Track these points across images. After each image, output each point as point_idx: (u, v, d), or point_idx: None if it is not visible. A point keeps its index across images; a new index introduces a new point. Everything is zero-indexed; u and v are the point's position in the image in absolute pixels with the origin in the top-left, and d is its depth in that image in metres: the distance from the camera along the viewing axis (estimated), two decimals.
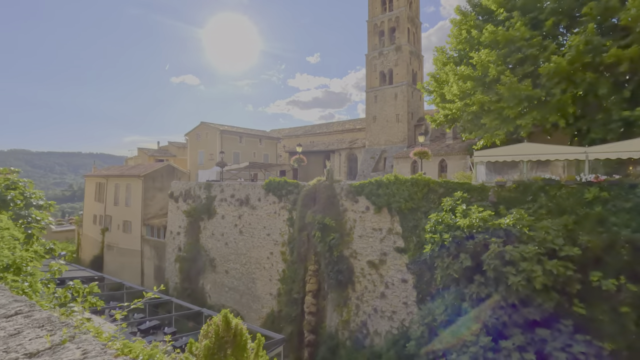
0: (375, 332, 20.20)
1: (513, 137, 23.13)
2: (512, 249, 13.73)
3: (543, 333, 12.96)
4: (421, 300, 18.57)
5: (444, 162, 36.60)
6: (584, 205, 15.41)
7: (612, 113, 18.36)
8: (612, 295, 13.47)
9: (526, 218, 15.33)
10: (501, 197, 17.64)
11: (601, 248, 14.20)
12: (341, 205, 22.58)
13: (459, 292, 15.03)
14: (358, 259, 21.42)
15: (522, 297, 13.33)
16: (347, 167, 51.31)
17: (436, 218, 16.54)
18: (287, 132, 66.79)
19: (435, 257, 15.82)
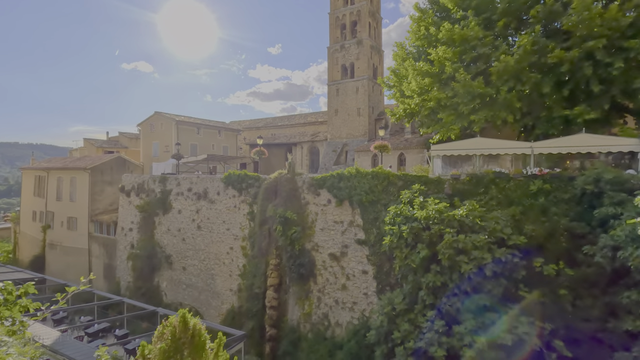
0: (337, 323, 20.45)
1: (467, 132, 24.21)
2: (464, 238, 14.40)
3: (492, 317, 13.73)
4: (381, 291, 19.03)
5: (403, 156, 37.67)
6: (529, 197, 16.51)
7: (553, 111, 19.75)
8: (552, 280, 14.61)
9: (478, 209, 16.14)
10: (456, 189, 18.43)
11: (543, 236, 15.32)
12: (303, 199, 22.44)
13: (416, 281, 15.55)
14: (320, 251, 21.47)
15: (474, 284, 14.06)
16: (309, 160, 51.23)
17: (395, 210, 16.92)
18: (248, 124, 65.27)
19: (394, 248, 16.21)
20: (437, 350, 13.13)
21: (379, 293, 19.06)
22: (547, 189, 16.17)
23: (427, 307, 14.74)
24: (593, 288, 14.00)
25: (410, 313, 15.03)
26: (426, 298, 14.71)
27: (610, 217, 13.58)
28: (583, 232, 14.57)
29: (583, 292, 14.12)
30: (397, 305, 15.44)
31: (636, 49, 16.81)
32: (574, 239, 14.80)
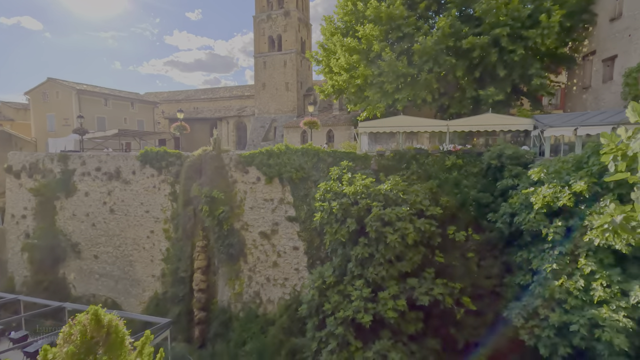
0: (269, 300, 20.49)
1: (391, 110, 25.31)
2: (389, 211, 15.24)
3: (412, 282, 14.98)
4: (312, 265, 19.43)
5: (331, 132, 38.22)
6: (445, 171, 18.04)
7: (466, 92, 21.60)
8: (462, 245, 16.39)
9: (401, 183, 17.15)
10: (381, 165, 19.29)
11: (456, 206, 16.99)
12: (230, 177, 21.45)
13: (345, 254, 16.14)
14: (249, 230, 20.98)
15: (398, 252, 15.10)
16: (236, 136, 49.15)
17: (325, 187, 17.12)
18: (166, 96, 59.63)
19: (325, 224, 16.50)
20: (364, 317, 13.95)
21: (310, 268, 19.45)
22: (459, 163, 17.79)
23: (356, 277, 15.46)
24: (494, 250, 16.07)
25: (340, 285, 15.64)
26: (355, 269, 15.39)
27: (509, 187, 15.51)
28: (487, 202, 16.46)
29: (486, 254, 16.14)
30: (327, 278, 15.92)
31: (533, 38, 18.97)
32: (480, 208, 16.67)
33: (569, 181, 12.38)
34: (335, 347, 14.03)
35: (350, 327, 14.36)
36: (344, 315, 14.30)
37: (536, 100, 23.95)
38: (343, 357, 13.69)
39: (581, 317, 10.48)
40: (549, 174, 13.30)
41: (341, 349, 14.02)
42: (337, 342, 14.13)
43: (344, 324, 14.28)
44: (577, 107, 23.90)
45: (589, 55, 22.29)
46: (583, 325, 10.29)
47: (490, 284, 15.40)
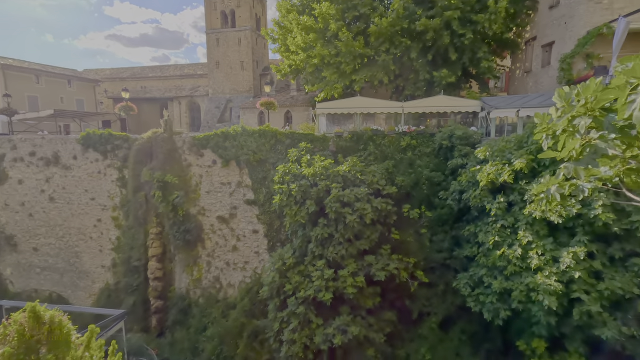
0: (229, 284, 20.30)
1: (348, 91, 25.41)
2: (349, 192, 15.54)
3: (370, 259, 15.54)
4: (272, 248, 19.44)
5: (289, 114, 37.69)
6: (400, 152, 18.62)
7: (420, 74, 22.18)
8: (416, 222, 17.21)
9: (359, 165, 17.48)
10: (339, 146, 19.46)
11: (410, 186, 17.68)
12: (184, 160, 20.53)
13: (306, 235, 16.30)
14: (207, 215, 20.41)
15: (356, 232, 15.53)
16: (190, 118, 46.89)
17: (284, 169, 16.98)
18: (109, 73, 54.98)
19: (285, 207, 16.47)
20: (325, 295, 14.33)
21: (270, 250, 19.45)
22: (414, 144, 18.44)
23: (317, 258, 15.72)
24: (445, 226, 17.06)
25: (301, 265, 15.84)
26: (315, 250, 15.63)
27: (459, 167, 16.39)
28: (439, 181, 17.32)
29: (438, 230, 17.10)
30: (288, 260, 16.04)
31: (482, 22, 19.76)
32: (433, 186, 17.51)
33: (510, 159, 13.33)
34: (297, 326, 14.33)
35: (312, 305, 14.70)
36: (305, 294, 14.57)
37: (484, 83, 25.24)
38: (305, 335, 14.04)
39: (520, 283, 11.56)
40: (493, 153, 14.21)
41: (303, 328, 14.35)
42: (298, 321, 14.42)
43: (305, 303, 14.57)
44: (520, 90, 25.56)
45: (531, 40, 23.75)
46: (521, 291, 11.37)
47: (441, 258, 16.41)
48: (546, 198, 3.69)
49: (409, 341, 15.94)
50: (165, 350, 18.01)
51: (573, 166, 2.68)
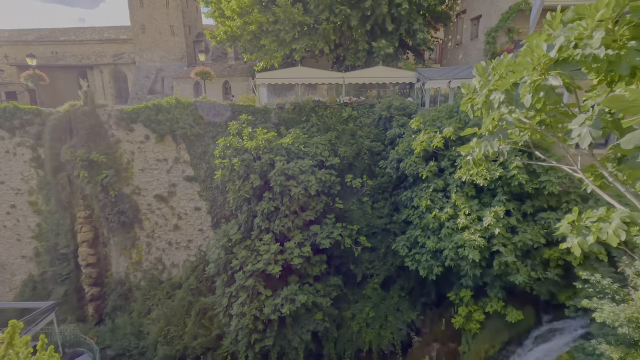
0: (173, 264, 19.62)
1: (289, 60, 24.71)
2: (293, 165, 15.52)
3: (315, 229, 15.95)
4: (216, 225, 19.01)
5: (228, 84, 35.81)
6: (342, 123, 18.86)
7: (359, 44, 22.24)
8: (358, 191, 17.89)
9: (302, 136, 17.45)
10: (282, 118, 19.14)
11: (353, 156, 18.17)
12: (112, 136, 18.73)
13: (251, 210, 16.13)
14: (143, 195, 19.14)
15: (302, 204, 15.73)
16: (115, 89, 42.40)
17: (225, 143, 16.34)
18: (9, 35, 46.91)
19: (227, 182, 16.03)
20: (275, 268, 14.54)
21: (214, 227, 19.01)
22: (355, 115, 18.77)
23: (263, 232, 15.73)
24: (385, 193, 17.98)
25: (247, 240, 15.77)
26: (261, 224, 15.60)
27: (397, 136, 17.13)
28: (379, 150, 18.01)
29: (379, 197, 17.99)
30: (234, 235, 15.85)
31: None
32: (374, 156, 18.18)
33: (441, 128, 14.25)
34: (246, 299, 14.47)
35: (260, 278, 14.86)
36: (253, 268, 14.64)
37: (419, 55, 26.13)
38: (254, 307, 14.25)
39: (450, 242, 12.75)
40: (425, 123, 15.05)
41: (252, 300, 14.52)
42: (247, 294, 14.55)
43: (253, 277, 14.67)
44: (452, 62, 26.96)
45: (461, 14, 24.87)
46: (452, 249, 12.57)
47: (382, 223, 17.41)
48: (472, 161, 4.02)
49: (355, 302, 17.00)
50: (106, 337, 17.15)
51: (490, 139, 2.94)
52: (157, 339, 16.34)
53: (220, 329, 16.02)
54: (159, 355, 15.98)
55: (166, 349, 16.06)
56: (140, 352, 16.45)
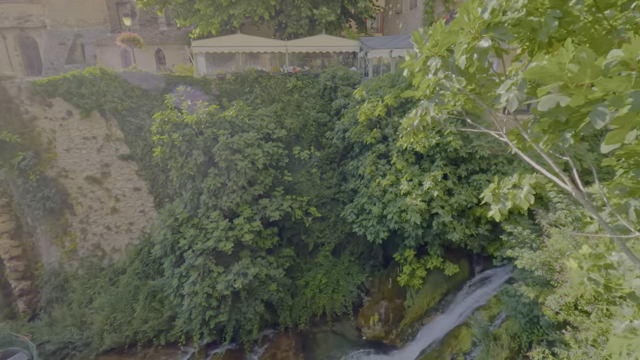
0: (114, 249, 18.43)
1: (227, 27, 23.24)
2: (237, 138, 15.01)
3: (264, 202, 15.85)
4: (159, 204, 18.05)
5: (161, 53, 32.84)
6: (287, 93, 18.46)
7: (301, 10, 21.50)
8: (306, 162, 17.95)
9: (246, 108, 16.82)
10: (223, 89, 18.19)
11: (299, 127, 18.03)
12: (25, 113, 16.47)
13: (196, 187, 15.49)
14: (71, 177, 17.38)
15: (249, 178, 15.44)
16: (24, 58, 36.82)
17: (161, 117, 15.23)
18: None
19: (167, 159, 15.12)
20: (226, 244, 14.31)
21: (157, 207, 18.04)
22: (300, 85, 18.43)
23: (210, 209, 15.28)
24: (332, 163, 18.27)
25: (194, 218, 15.24)
26: (208, 201, 15.10)
27: (342, 107, 17.25)
28: (326, 121, 18.05)
29: (327, 168, 18.25)
30: (180, 214, 15.21)
31: None
32: (320, 127, 18.21)
33: (383, 96, 14.61)
34: (197, 278, 14.19)
35: (210, 255, 14.59)
36: (203, 246, 14.27)
37: (362, 23, 26.04)
38: (207, 285, 14.05)
39: (394, 207, 13.47)
40: (369, 92, 15.31)
41: (203, 278, 14.28)
42: (198, 272, 14.25)
43: (203, 255, 14.35)
44: (392, 31, 27.30)
45: None
46: (395, 213, 13.31)
47: (331, 193, 17.80)
48: (412, 131, 4.20)
49: (307, 270, 17.52)
50: (43, 332, 15.89)
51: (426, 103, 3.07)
52: (102, 327, 15.53)
53: (172, 310, 15.64)
54: (106, 344, 15.27)
55: (114, 337, 15.37)
56: (84, 343, 15.57)
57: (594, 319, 7.39)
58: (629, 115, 2.24)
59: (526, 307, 9.86)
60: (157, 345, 15.47)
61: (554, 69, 2.39)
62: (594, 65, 2.27)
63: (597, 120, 2.30)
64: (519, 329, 10.26)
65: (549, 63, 2.42)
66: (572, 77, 2.35)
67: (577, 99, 2.41)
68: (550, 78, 2.47)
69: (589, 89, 2.43)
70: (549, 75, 2.45)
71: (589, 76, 2.31)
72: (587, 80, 2.35)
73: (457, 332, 12.97)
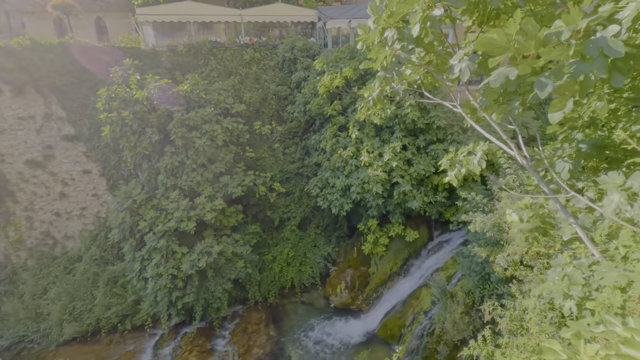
0: (66, 236, 17.36)
1: None
2: (194, 114, 14.33)
3: (224, 179, 15.45)
4: (113, 187, 17.08)
5: (102, 22, 29.88)
6: (244, 66, 17.74)
7: None
8: (268, 137, 17.64)
9: (201, 82, 15.99)
10: (175, 62, 17.10)
11: (259, 102, 17.53)
12: None
13: (152, 167, 14.78)
14: (8, 162, 15.85)
15: (209, 155, 14.94)
16: None
17: (108, 93, 14.10)
18: None
19: (119, 138, 14.17)
20: (188, 224, 13.95)
21: (111, 190, 17.07)
22: (257, 57, 17.75)
23: (169, 189, 14.72)
24: (295, 138, 18.11)
25: (154, 199, 14.64)
26: (166, 181, 14.51)
27: (302, 79, 16.92)
28: (286, 94, 17.68)
29: (289, 142, 18.07)
30: (138, 196, 14.51)
31: None
32: (280, 100, 17.83)
33: (342, 68, 14.50)
34: (160, 260, 13.82)
35: (173, 237, 14.20)
36: (164, 228, 13.83)
37: None
38: (171, 266, 13.75)
39: (356, 179, 13.74)
40: (328, 64, 15.10)
41: (167, 260, 13.94)
42: (161, 254, 13.86)
43: (165, 236, 13.94)
44: (351, 0, 26.73)
45: None
46: (358, 185, 13.60)
47: (294, 168, 17.75)
48: (372, 101, 4.22)
49: (274, 245, 17.65)
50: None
51: (384, 75, 3.08)
52: (61, 317, 14.84)
53: (136, 294, 15.23)
54: (67, 334, 14.67)
55: (74, 326, 14.78)
56: (42, 335, 14.84)
57: (536, 272, 8.21)
58: (568, 84, 2.39)
59: (479, 266, 10.69)
60: (122, 331, 15.12)
61: (502, 40, 2.48)
62: (538, 36, 2.38)
63: (541, 91, 2.44)
64: (472, 286, 11.16)
65: (497, 35, 2.50)
66: (519, 47, 2.46)
67: (524, 69, 2.53)
68: (498, 49, 2.56)
69: (535, 59, 2.56)
70: (497, 47, 2.54)
71: (533, 47, 2.43)
72: (532, 50, 2.47)
73: (418, 293, 13.87)
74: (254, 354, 13.93)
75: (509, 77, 2.56)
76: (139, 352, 14.29)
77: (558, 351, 1.45)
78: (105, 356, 14.17)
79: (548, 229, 4.13)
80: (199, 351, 13.93)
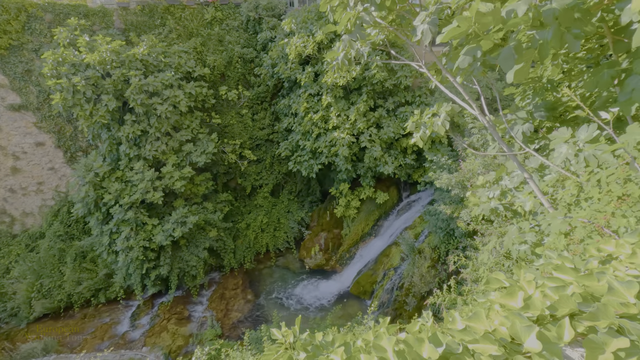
0: (24, 213, 16.47)
1: None
2: (152, 79, 13.49)
3: (187, 148, 14.87)
4: (72, 159, 16.15)
5: None
6: (206, 27, 16.65)
7: None
8: (235, 103, 17.05)
9: (159, 44, 14.92)
10: (128, 22, 15.74)
11: (224, 65, 16.70)
12: None
13: (113, 136, 14.01)
14: None
15: (173, 123, 14.31)
16: None
17: (55, 57, 12.87)
18: None
19: (72, 107, 13.18)
20: (154, 195, 13.58)
21: (70, 163, 16.14)
22: (219, 17, 16.68)
23: (133, 159, 14.11)
24: (264, 103, 17.62)
25: (117, 171, 14.02)
26: (129, 151, 13.86)
27: (268, 40, 16.19)
28: (252, 57, 16.92)
29: (258, 108, 17.58)
30: (99, 168, 13.82)
31: None
32: (247, 63, 17.07)
33: (312, 31, 13.97)
34: (130, 232, 13.53)
35: (141, 208, 13.84)
36: (131, 200, 13.40)
37: None
38: (142, 238, 13.51)
39: (325, 141, 13.75)
40: (298, 25, 14.48)
41: (137, 232, 13.67)
42: (130, 227, 13.55)
43: (132, 208, 13.56)
44: None
45: None
46: (326, 147, 13.63)
47: (264, 134, 17.44)
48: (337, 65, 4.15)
49: (247, 213, 17.67)
50: None
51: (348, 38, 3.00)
52: (28, 295, 14.41)
53: (108, 268, 14.98)
54: (37, 311, 14.35)
55: (44, 303, 14.44)
56: (10, 314, 14.43)
57: (496, 226, 8.83)
58: (528, 52, 2.48)
59: (444, 223, 11.31)
60: (96, 304, 14.98)
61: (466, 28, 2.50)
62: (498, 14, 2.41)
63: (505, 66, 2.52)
64: (438, 242, 11.85)
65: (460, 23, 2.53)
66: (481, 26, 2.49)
67: (487, 44, 2.57)
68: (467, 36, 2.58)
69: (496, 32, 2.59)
70: (463, 34, 2.56)
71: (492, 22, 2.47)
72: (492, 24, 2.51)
73: (388, 251, 14.57)
74: (232, 317, 14.34)
75: (475, 56, 2.61)
76: (116, 323, 14.31)
77: (502, 280, 1.65)
78: (80, 330, 14.09)
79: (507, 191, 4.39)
80: (177, 318, 14.14)
